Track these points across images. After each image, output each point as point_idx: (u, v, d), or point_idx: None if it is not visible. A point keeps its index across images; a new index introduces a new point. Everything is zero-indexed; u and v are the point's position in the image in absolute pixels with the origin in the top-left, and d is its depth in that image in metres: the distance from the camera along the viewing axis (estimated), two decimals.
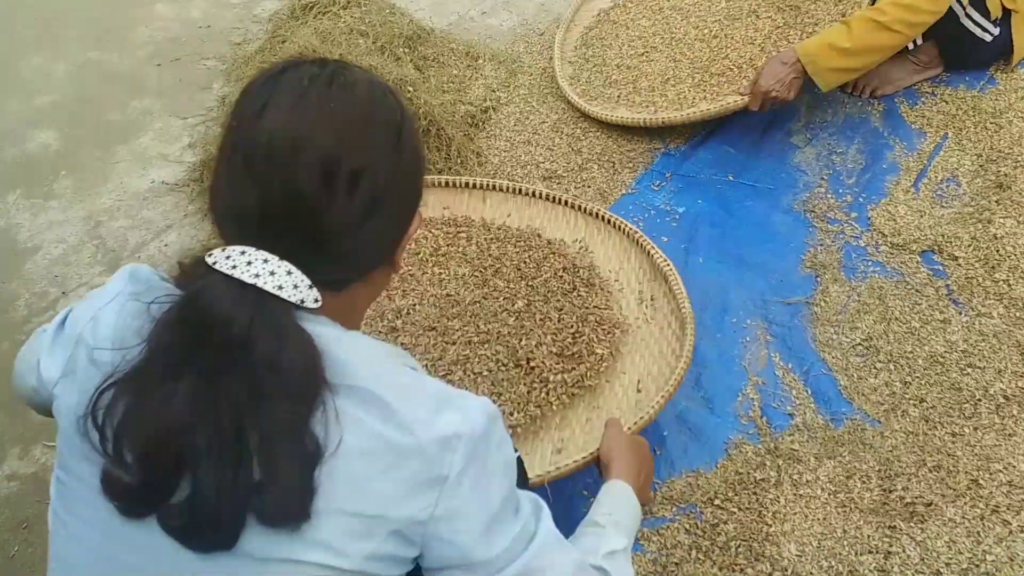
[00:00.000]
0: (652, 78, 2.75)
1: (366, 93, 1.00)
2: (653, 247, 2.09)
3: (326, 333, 0.95)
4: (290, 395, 0.89)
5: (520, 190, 2.28)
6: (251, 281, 0.90)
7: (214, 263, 0.92)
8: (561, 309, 1.95)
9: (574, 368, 1.84)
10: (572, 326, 1.91)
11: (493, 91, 2.89)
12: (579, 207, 2.24)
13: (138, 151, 2.85)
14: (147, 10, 3.54)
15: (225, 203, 0.97)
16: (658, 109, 2.64)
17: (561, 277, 2.03)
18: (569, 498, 1.81)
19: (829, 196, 2.44)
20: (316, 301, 0.95)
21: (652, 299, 2.03)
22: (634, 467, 1.50)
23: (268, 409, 0.88)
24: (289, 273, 0.93)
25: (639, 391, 1.85)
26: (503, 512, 1.00)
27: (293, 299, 0.93)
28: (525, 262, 2.08)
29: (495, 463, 0.99)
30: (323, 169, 0.93)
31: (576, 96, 2.80)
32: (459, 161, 2.50)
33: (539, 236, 2.17)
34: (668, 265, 2.03)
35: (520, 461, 1.45)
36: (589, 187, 2.56)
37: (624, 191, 2.54)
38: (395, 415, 0.92)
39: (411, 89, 2.48)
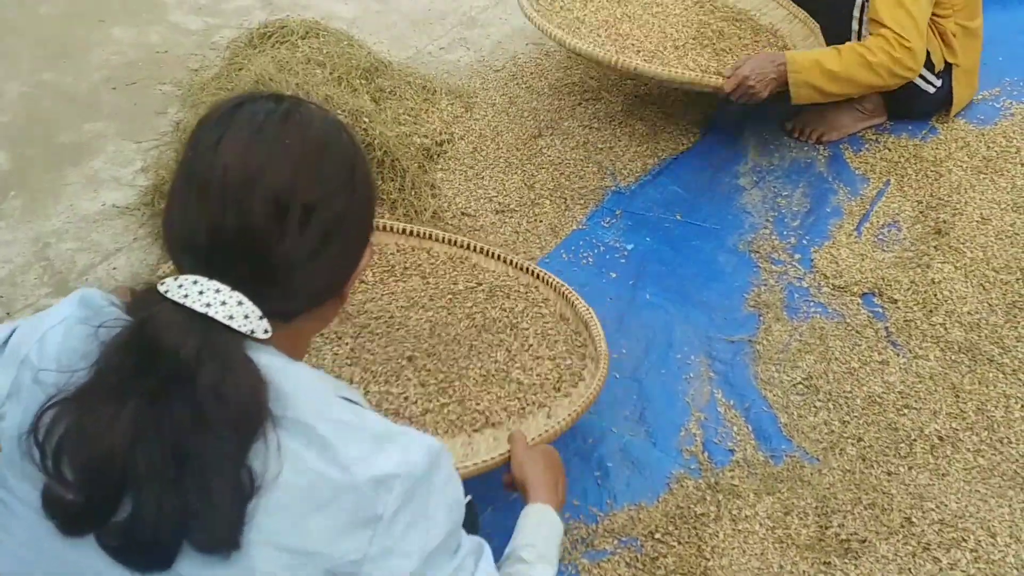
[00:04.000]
0: (630, 29, 2.78)
1: (320, 129, 1.03)
2: (577, 297, 2.04)
3: (272, 363, 0.96)
4: (232, 424, 0.90)
5: (435, 236, 2.22)
6: (202, 310, 0.92)
7: (166, 291, 0.93)
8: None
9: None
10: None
11: (449, 125, 2.91)
12: (502, 258, 2.18)
13: (90, 173, 2.83)
14: (104, 33, 3.53)
15: (178, 233, 0.98)
16: (632, 57, 2.60)
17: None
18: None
19: (774, 237, 2.50)
20: (266, 332, 0.96)
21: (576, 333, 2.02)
22: (551, 480, 1.50)
23: (209, 437, 0.89)
24: (240, 304, 0.94)
25: (548, 416, 1.84)
26: (439, 552, 1.01)
27: (243, 329, 0.94)
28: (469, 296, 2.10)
29: (436, 504, 1.00)
30: (276, 203, 0.95)
31: (538, 15, 2.72)
32: (413, 193, 2.52)
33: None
34: (590, 313, 2.00)
35: (471, 505, 1.45)
36: (541, 222, 2.59)
37: (575, 226, 2.58)
38: (334, 452, 0.94)
39: (367, 120, 2.49)
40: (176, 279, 0.94)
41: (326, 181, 1.00)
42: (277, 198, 0.95)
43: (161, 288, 0.94)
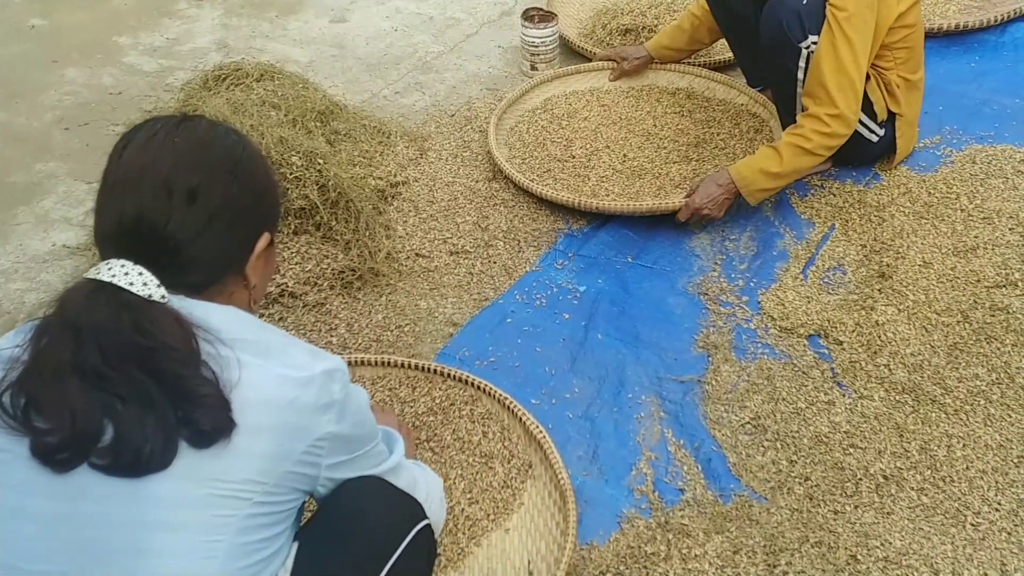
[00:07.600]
0: (588, 165, 2.90)
1: (206, 131, 1.26)
2: (526, 414, 2.08)
3: (189, 304, 1.16)
4: (172, 340, 1.09)
5: (382, 362, 2.24)
6: (107, 279, 1.11)
7: (87, 276, 1.13)
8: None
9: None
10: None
11: (403, 167, 2.94)
12: (442, 372, 2.21)
13: (40, 213, 2.82)
14: (58, 74, 3.52)
15: (97, 227, 1.20)
16: (595, 195, 2.78)
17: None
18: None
19: (722, 280, 2.54)
20: (163, 297, 1.14)
21: (531, 467, 2.01)
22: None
23: (161, 357, 1.08)
24: (140, 274, 1.13)
25: (531, 574, 1.82)
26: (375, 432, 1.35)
27: (141, 293, 1.12)
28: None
29: (363, 396, 1.31)
30: (164, 186, 1.16)
31: (512, 168, 2.86)
32: (367, 233, 2.53)
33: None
34: (542, 433, 2.03)
35: None
36: (495, 263, 2.61)
37: (528, 268, 2.60)
38: (285, 358, 1.17)
39: (321, 162, 2.51)
40: (96, 266, 1.14)
41: (208, 169, 1.21)
42: (165, 181, 1.16)
43: (86, 276, 1.13)
